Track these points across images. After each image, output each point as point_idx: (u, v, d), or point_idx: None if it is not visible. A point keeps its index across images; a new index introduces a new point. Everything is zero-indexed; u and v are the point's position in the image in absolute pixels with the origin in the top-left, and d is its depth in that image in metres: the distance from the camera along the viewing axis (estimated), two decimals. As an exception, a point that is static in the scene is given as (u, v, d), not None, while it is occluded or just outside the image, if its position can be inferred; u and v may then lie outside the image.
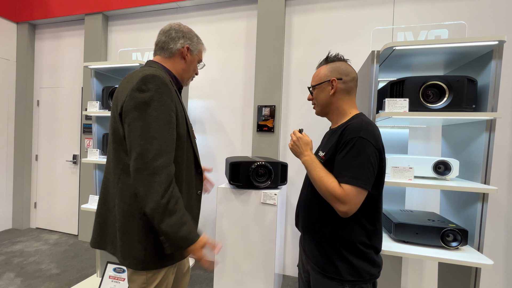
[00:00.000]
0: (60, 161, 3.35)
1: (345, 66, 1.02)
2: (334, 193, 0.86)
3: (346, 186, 0.85)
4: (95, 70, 2.16)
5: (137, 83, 0.88)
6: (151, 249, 0.92)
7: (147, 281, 0.95)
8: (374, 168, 0.87)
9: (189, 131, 1.03)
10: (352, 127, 0.90)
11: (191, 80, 1.20)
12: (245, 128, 2.64)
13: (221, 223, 1.75)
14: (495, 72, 1.26)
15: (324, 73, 1.03)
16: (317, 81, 1.05)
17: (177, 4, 2.77)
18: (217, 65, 2.72)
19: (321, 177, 0.91)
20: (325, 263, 0.95)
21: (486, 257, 1.22)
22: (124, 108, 0.89)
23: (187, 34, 1.09)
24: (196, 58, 1.13)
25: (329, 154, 0.95)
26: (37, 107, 3.47)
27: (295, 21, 2.50)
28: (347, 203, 0.85)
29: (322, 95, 1.04)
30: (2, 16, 3.27)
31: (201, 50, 1.15)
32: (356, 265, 0.91)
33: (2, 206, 3.38)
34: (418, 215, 1.52)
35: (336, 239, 0.94)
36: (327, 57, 1.06)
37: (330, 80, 1.01)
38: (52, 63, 3.40)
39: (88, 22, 3.07)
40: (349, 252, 0.92)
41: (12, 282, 2.21)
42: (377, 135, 0.90)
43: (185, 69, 1.09)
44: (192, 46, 1.09)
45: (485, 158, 1.30)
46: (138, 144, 0.85)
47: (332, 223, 0.94)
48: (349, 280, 0.91)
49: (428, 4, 2.14)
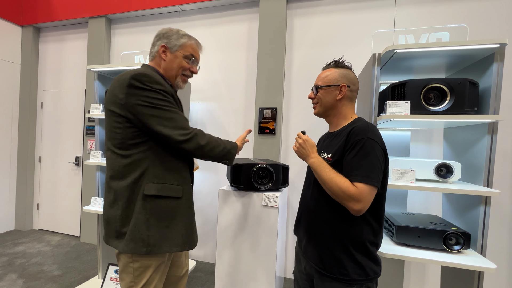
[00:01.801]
0: (62, 163, 3.37)
1: (353, 76, 1.06)
2: (348, 192, 0.88)
3: (360, 185, 0.87)
4: (98, 72, 2.18)
5: (129, 80, 0.98)
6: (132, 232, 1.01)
7: (133, 271, 1.02)
8: (381, 167, 0.91)
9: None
10: (360, 129, 0.93)
11: (185, 78, 1.17)
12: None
13: (223, 225, 1.75)
14: (497, 74, 1.26)
15: (334, 77, 1.05)
16: (326, 82, 1.06)
17: (180, 8, 2.79)
18: (219, 68, 2.73)
19: (332, 177, 0.92)
20: (332, 265, 0.96)
21: (489, 261, 1.21)
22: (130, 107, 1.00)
23: (165, 34, 1.13)
24: (179, 54, 1.12)
25: (337, 156, 0.97)
26: (40, 109, 3.50)
27: (296, 24, 2.51)
28: (361, 201, 0.87)
29: (328, 98, 1.05)
30: (7, 20, 3.31)
31: (185, 44, 1.12)
32: (363, 264, 0.93)
33: (5, 208, 3.40)
34: (420, 218, 1.51)
35: (346, 239, 0.95)
36: (336, 61, 1.08)
37: (339, 85, 1.03)
38: (56, 65, 3.43)
39: (92, 25, 3.10)
40: (358, 251, 0.94)
41: (15, 283, 2.22)
42: (381, 136, 0.95)
43: (166, 68, 1.12)
44: (170, 43, 1.11)
45: (487, 161, 1.29)
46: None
47: (341, 222, 0.96)
48: (357, 279, 0.93)
49: (429, 7, 2.15)
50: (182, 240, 1.06)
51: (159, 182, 1.02)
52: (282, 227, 1.92)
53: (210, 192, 2.65)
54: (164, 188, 1.02)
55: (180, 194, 1.06)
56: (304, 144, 1.04)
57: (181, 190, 1.07)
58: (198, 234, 1.30)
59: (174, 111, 1.04)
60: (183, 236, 1.06)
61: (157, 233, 1.01)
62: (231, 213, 1.73)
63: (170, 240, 1.03)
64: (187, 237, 1.08)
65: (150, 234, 1.00)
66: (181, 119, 1.05)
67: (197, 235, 1.15)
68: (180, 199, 1.06)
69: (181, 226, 1.06)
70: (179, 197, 1.06)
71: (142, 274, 1.02)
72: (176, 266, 1.22)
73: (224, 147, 1.13)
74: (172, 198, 1.04)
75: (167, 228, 1.03)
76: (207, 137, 1.09)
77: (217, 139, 1.14)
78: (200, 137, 1.07)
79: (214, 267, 2.53)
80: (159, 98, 1.00)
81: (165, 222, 1.02)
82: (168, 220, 1.03)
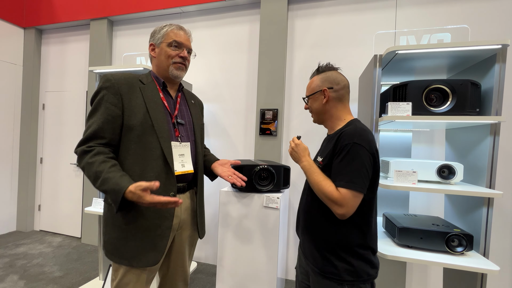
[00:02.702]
0: (64, 164, 3.38)
1: (335, 75, 1.07)
2: (331, 196, 0.90)
3: (343, 190, 0.89)
4: (99, 74, 2.19)
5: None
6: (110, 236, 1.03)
7: (114, 273, 1.05)
8: (368, 172, 0.92)
9: (152, 122, 1.02)
10: (347, 134, 0.94)
11: (178, 65, 1.11)
12: (248, 132, 2.64)
13: (223, 226, 1.75)
14: (499, 75, 1.26)
15: (316, 84, 1.09)
16: (310, 91, 1.11)
17: (181, 9, 2.80)
18: (220, 69, 2.74)
19: (319, 181, 0.95)
20: (324, 264, 0.98)
21: (492, 263, 1.20)
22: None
23: (152, 33, 1.15)
24: (163, 45, 1.10)
25: (327, 160, 0.99)
26: (42, 110, 3.51)
27: (297, 25, 2.51)
28: (344, 205, 0.89)
29: (316, 104, 1.10)
30: (10, 22, 3.33)
31: (165, 33, 1.10)
32: (354, 265, 0.94)
33: (7, 209, 3.41)
34: (422, 219, 1.50)
35: (334, 241, 0.97)
36: (318, 67, 1.13)
37: (322, 90, 1.06)
38: (58, 67, 3.45)
39: (94, 27, 3.12)
40: (347, 253, 0.95)
41: (16, 284, 2.22)
42: (371, 140, 0.94)
43: (158, 63, 1.13)
44: (155, 40, 1.12)
45: (490, 162, 1.28)
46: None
47: (330, 225, 0.98)
48: (348, 280, 0.94)
49: (431, 8, 2.15)
50: (131, 255, 0.99)
51: None
52: (283, 229, 1.91)
53: (211, 193, 2.65)
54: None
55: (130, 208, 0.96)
56: (296, 148, 1.10)
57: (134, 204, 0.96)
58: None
59: (92, 115, 0.99)
60: (131, 251, 0.99)
61: (109, 241, 1.03)
62: (232, 215, 1.73)
63: (120, 251, 1.01)
64: (137, 253, 1.00)
65: (105, 240, 1.05)
66: (86, 128, 0.99)
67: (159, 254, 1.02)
68: (133, 213, 0.99)
69: (130, 240, 1.00)
70: (130, 210, 0.98)
71: (115, 271, 1.05)
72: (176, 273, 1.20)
73: (100, 185, 0.90)
74: (111, 207, 0.99)
75: (117, 239, 1.01)
76: (85, 162, 0.93)
77: (101, 171, 0.90)
78: (80, 157, 0.96)
79: (215, 268, 2.52)
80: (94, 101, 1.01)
81: (115, 233, 1.02)
82: (118, 231, 1.01)
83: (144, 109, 1.02)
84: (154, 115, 1.03)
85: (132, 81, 1.06)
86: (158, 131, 1.03)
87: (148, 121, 1.02)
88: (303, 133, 2.45)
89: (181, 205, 1.11)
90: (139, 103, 1.03)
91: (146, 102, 1.04)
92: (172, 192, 1.04)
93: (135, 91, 1.04)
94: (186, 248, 1.19)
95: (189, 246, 1.22)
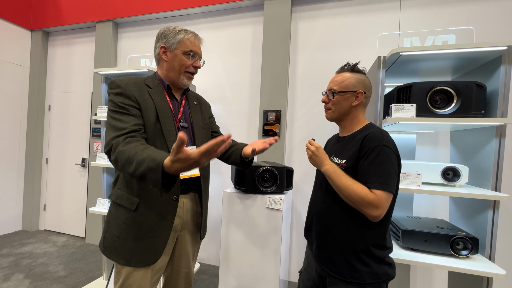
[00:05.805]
0: (69, 164, 3.42)
1: (369, 81, 1.06)
2: (367, 199, 0.88)
3: (378, 192, 0.88)
4: (105, 75, 2.21)
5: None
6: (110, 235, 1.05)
7: (117, 275, 1.05)
8: (396, 173, 0.94)
9: (161, 126, 1.03)
10: (374, 136, 0.94)
11: (190, 75, 1.12)
12: (251, 133, 2.65)
13: (226, 227, 1.75)
14: (505, 77, 1.25)
15: (351, 83, 1.04)
16: (343, 88, 1.04)
17: (185, 12, 2.83)
18: (223, 70, 2.75)
19: (349, 184, 0.92)
20: (345, 269, 0.96)
21: (498, 267, 1.19)
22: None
23: (163, 34, 1.09)
24: (178, 52, 1.07)
25: (351, 162, 0.97)
26: (48, 111, 3.56)
27: (301, 27, 2.52)
28: (380, 207, 0.88)
29: (344, 103, 1.05)
30: (17, 24, 3.39)
31: (182, 40, 1.07)
32: (375, 267, 0.94)
33: (13, 208, 3.45)
34: (426, 222, 1.49)
35: (358, 244, 0.95)
36: (353, 66, 1.07)
37: (356, 92, 1.03)
38: (64, 69, 3.50)
39: (99, 29, 3.16)
40: (368, 255, 0.95)
41: (21, 283, 2.25)
42: (395, 143, 0.97)
43: (168, 68, 1.10)
44: (168, 42, 1.07)
45: (495, 165, 1.27)
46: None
47: (355, 228, 0.96)
48: (370, 283, 0.93)
49: (435, 9, 2.14)
50: (129, 254, 1.01)
51: (122, 189, 1.05)
52: (286, 230, 1.91)
53: (214, 194, 2.66)
54: (122, 196, 1.04)
55: (133, 207, 1.01)
56: (317, 151, 1.04)
57: (137, 203, 1.01)
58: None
59: (115, 118, 0.96)
60: (130, 250, 1.01)
61: (109, 238, 1.05)
62: (235, 216, 1.73)
63: (118, 250, 1.02)
64: (135, 252, 1.01)
65: (105, 237, 1.06)
66: (113, 128, 0.95)
67: (157, 253, 1.04)
68: (135, 212, 1.01)
69: (129, 240, 1.01)
70: (133, 209, 1.01)
71: (118, 272, 1.06)
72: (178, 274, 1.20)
73: (136, 169, 0.81)
74: (126, 209, 1.02)
75: (117, 238, 1.03)
76: (117, 151, 0.88)
77: (134, 154, 0.83)
78: (113, 150, 0.90)
79: (218, 269, 2.52)
80: (112, 105, 1.00)
81: (116, 231, 1.03)
82: (119, 230, 1.03)
83: (155, 113, 1.03)
84: (163, 119, 1.05)
85: (140, 85, 1.06)
86: (166, 135, 1.04)
87: (158, 125, 1.03)
88: (306, 135, 2.45)
89: (184, 207, 1.12)
90: (150, 107, 1.03)
91: (156, 106, 1.05)
92: (175, 195, 1.05)
93: (144, 95, 1.04)
94: (190, 249, 1.20)
95: (193, 247, 1.22)
